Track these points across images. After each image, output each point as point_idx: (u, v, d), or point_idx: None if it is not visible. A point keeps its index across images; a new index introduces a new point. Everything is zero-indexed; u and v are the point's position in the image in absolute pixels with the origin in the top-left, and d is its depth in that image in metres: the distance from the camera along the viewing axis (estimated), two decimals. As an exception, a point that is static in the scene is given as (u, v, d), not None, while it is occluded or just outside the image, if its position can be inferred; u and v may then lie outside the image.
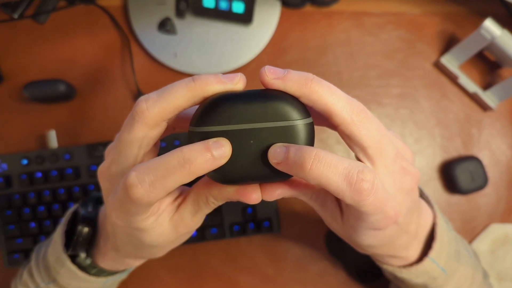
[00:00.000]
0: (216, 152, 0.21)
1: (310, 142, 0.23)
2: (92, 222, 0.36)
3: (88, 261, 0.35)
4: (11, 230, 0.50)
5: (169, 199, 0.28)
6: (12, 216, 0.50)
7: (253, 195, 0.24)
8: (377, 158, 0.24)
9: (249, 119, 0.22)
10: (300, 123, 0.22)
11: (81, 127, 0.54)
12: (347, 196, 0.22)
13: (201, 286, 0.53)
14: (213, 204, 0.27)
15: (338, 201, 0.28)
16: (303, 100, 0.23)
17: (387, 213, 0.24)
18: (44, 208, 0.50)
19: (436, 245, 0.32)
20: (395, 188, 0.26)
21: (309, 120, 0.23)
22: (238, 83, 0.23)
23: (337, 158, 0.21)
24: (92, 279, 0.35)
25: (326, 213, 0.29)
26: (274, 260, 0.53)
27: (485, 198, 0.55)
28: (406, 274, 0.33)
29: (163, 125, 0.24)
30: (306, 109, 0.23)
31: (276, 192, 0.25)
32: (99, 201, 0.39)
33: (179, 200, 0.28)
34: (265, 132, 0.22)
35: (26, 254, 0.50)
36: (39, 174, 0.50)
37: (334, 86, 0.23)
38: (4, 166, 0.51)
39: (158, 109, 0.22)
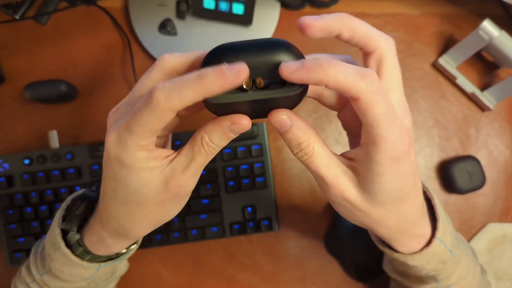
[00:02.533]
0: (228, 73, 0.23)
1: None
2: (92, 201, 0.36)
3: (77, 237, 0.35)
4: (13, 230, 0.51)
5: (162, 153, 0.28)
6: (14, 215, 0.51)
7: (243, 120, 0.26)
8: (396, 89, 0.27)
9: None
10: (298, 91, 0.24)
11: (82, 127, 0.55)
12: (363, 88, 0.23)
13: (202, 284, 0.54)
14: (206, 145, 0.27)
15: (345, 161, 0.28)
16: (345, 32, 0.25)
17: (401, 128, 0.25)
18: (46, 208, 0.51)
19: (440, 225, 0.32)
20: (402, 118, 0.27)
21: (304, 86, 0.25)
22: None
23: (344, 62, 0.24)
24: (84, 264, 0.35)
25: (337, 175, 0.28)
26: (273, 258, 0.54)
27: (482, 197, 0.55)
28: (418, 260, 0.33)
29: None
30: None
31: (282, 114, 0.26)
32: None
33: (173, 155, 0.28)
34: (268, 100, 0.25)
35: (28, 253, 0.51)
36: (41, 174, 0.51)
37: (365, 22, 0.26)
38: (6, 166, 0.51)
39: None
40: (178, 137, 0.52)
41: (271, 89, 0.24)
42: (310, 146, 0.27)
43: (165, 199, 0.29)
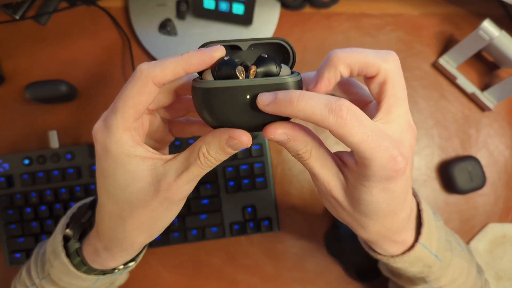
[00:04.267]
0: (206, 49, 0.25)
1: None
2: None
3: (77, 245, 0.35)
4: (13, 230, 0.51)
5: (154, 150, 0.28)
6: (14, 215, 0.51)
7: (243, 137, 0.25)
8: (398, 106, 0.26)
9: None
10: (290, 80, 0.25)
11: (82, 127, 0.55)
12: (331, 122, 0.23)
13: (202, 284, 0.53)
14: (203, 156, 0.26)
15: (337, 162, 0.28)
16: (344, 72, 0.26)
17: (391, 152, 0.24)
18: (46, 208, 0.51)
19: (424, 230, 0.32)
20: (403, 137, 0.26)
21: (299, 77, 0.26)
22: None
23: (318, 93, 0.24)
24: (82, 276, 0.35)
25: (329, 176, 0.28)
26: (273, 259, 0.54)
27: (483, 197, 0.55)
28: (401, 263, 0.33)
29: (168, 92, 0.28)
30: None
31: (279, 130, 0.26)
32: None
33: (169, 156, 0.28)
34: (260, 88, 0.24)
35: (28, 253, 0.51)
36: (41, 174, 0.51)
37: (359, 49, 0.26)
38: (6, 166, 0.51)
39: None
40: (178, 139, 0.52)
41: (263, 77, 0.25)
42: (307, 152, 0.27)
43: (155, 204, 0.28)
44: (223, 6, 0.54)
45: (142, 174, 0.27)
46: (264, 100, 0.24)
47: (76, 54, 0.56)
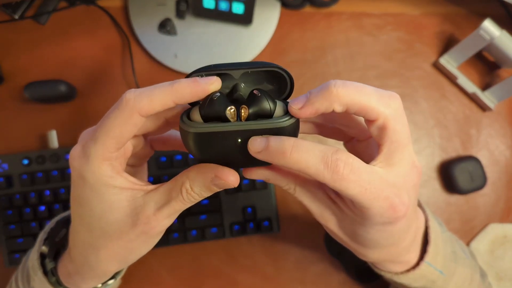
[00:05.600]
0: (200, 80, 0.23)
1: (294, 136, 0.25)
2: None
3: (51, 265, 0.34)
4: (12, 230, 0.50)
5: (134, 179, 0.26)
6: (13, 216, 0.50)
7: (231, 177, 0.24)
8: (401, 152, 0.25)
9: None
10: (285, 124, 0.23)
11: (81, 127, 0.54)
12: (327, 177, 0.22)
13: (201, 285, 0.53)
14: (186, 192, 0.25)
15: (331, 195, 0.28)
16: (337, 108, 0.24)
17: (391, 201, 0.24)
18: (45, 208, 0.50)
19: (431, 249, 0.32)
20: (406, 180, 0.25)
21: (293, 119, 0.24)
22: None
23: (314, 144, 0.23)
24: None
25: (321, 209, 0.28)
26: (274, 259, 0.54)
27: (484, 198, 0.55)
28: (405, 280, 0.33)
29: (154, 122, 0.27)
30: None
31: (258, 172, 0.26)
32: None
33: (150, 187, 0.27)
34: (252, 132, 0.23)
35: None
36: (40, 174, 0.50)
37: (360, 84, 0.24)
38: (5, 166, 0.51)
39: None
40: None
41: (256, 120, 0.23)
42: (291, 189, 0.27)
43: (131, 236, 0.27)
44: (223, 6, 0.53)
45: (119, 205, 0.26)
46: (256, 147, 0.23)
47: (75, 53, 0.55)
